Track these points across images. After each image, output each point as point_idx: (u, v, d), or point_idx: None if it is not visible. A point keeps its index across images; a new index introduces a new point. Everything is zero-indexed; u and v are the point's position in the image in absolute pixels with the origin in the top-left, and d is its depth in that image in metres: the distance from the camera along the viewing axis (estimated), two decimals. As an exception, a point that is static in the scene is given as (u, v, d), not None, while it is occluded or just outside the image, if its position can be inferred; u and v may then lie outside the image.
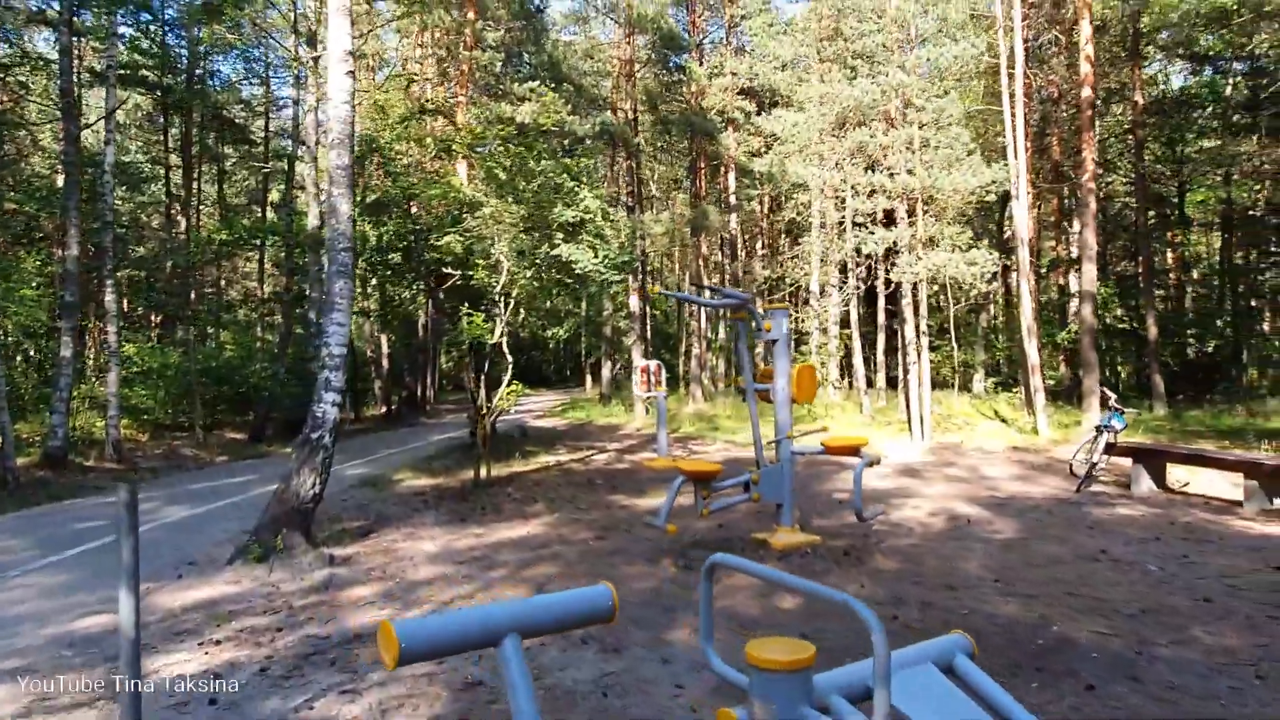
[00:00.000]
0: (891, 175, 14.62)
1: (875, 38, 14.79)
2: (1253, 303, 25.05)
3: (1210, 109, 23.72)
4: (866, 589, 6.13)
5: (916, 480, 11.31)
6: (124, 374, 15.18)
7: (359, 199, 13.05)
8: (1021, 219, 16.21)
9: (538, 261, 11.42)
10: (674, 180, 31.29)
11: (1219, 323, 27.56)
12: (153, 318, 28.11)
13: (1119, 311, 24.77)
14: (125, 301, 24.27)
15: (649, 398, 15.07)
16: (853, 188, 15.59)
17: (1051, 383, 22.92)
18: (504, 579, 6.52)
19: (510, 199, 10.84)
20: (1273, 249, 25.83)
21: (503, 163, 11.83)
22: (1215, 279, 28.86)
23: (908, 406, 18.45)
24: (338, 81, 8.33)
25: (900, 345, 19.13)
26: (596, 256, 11.84)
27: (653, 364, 13.52)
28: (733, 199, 28.10)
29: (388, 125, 15.65)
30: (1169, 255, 29.50)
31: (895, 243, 15.04)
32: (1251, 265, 26.22)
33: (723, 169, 27.29)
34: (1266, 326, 27.32)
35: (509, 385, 11.87)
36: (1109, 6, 22.17)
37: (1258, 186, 24.88)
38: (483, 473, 11.16)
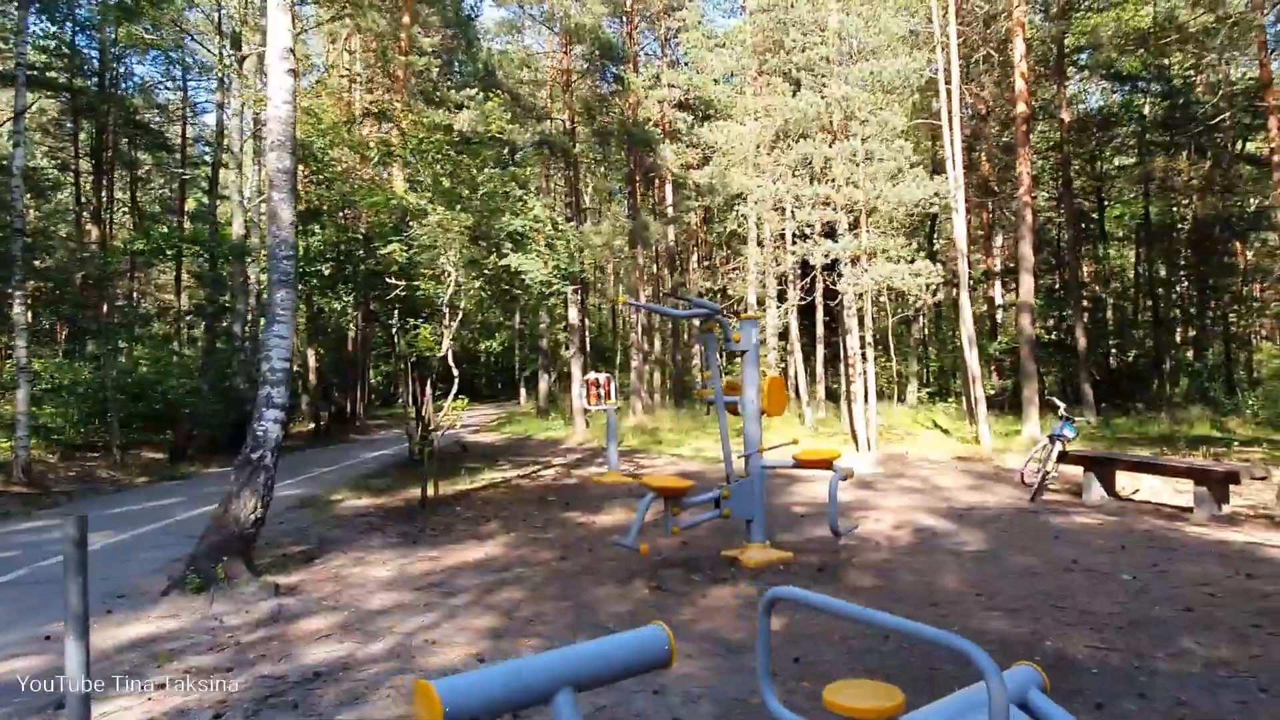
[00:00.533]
0: (837, 187, 14.66)
1: (820, 50, 14.84)
2: (1174, 313, 26.00)
3: (1129, 128, 24.63)
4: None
5: (872, 492, 11.24)
6: (33, 392, 14.16)
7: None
8: (960, 231, 16.45)
9: (486, 271, 11.04)
10: (611, 191, 31.11)
11: (1136, 333, 28.66)
12: (60, 332, 26.58)
13: (1048, 323, 25.47)
14: (30, 314, 22.86)
15: (598, 411, 14.78)
16: (796, 199, 15.58)
17: (993, 392, 23.38)
18: (469, 606, 6.12)
19: (459, 207, 10.44)
20: (1181, 262, 26.94)
21: (444, 170, 11.43)
22: (1133, 291, 29.99)
23: (850, 418, 18.55)
24: (278, 80, 7.85)
25: (842, 357, 19.23)
26: (546, 266, 11.51)
27: (602, 376, 13.28)
28: (670, 211, 28.05)
29: (319, 131, 15.04)
30: (1084, 269, 30.55)
31: (841, 255, 15.07)
32: (1167, 279, 27.30)
33: (660, 181, 27.24)
34: (1178, 337, 28.45)
35: (454, 399, 11.43)
36: (1034, 27, 22.84)
37: (1174, 202, 25.89)
38: (429, 491, 10.67)
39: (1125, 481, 11.07)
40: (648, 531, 8.37)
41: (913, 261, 14.58)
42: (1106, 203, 29.28)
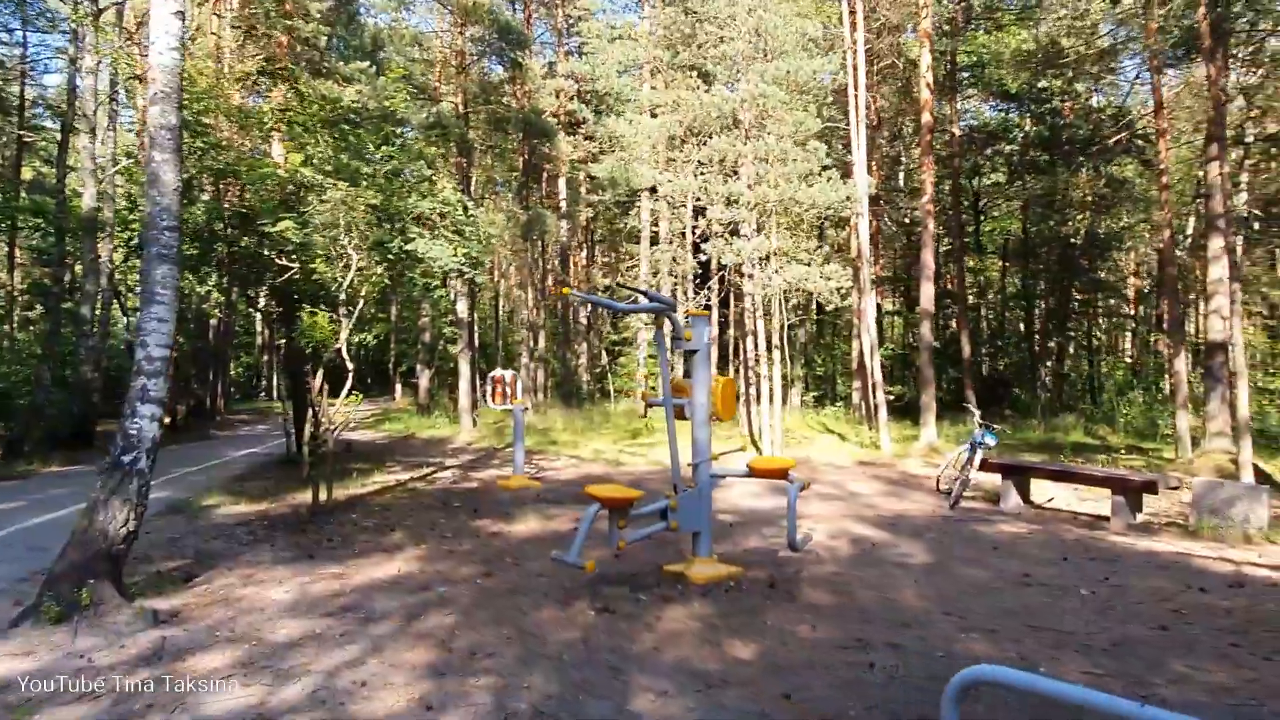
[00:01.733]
0: (750, 186, 14.37)
1: (735, 45, 14.51)
2: (1045, 325, 27.21)
3: (1009, 145, 25.63)
4: (820, 630, 5.48)
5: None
6: None
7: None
8: (864, 236, 16.51)
9: (390, 256, 10.08)
10: (503, 182, 30.06)
11: (1005, 343, 29.98)
12: None
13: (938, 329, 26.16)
14: None
15: (503, 410, 13.94)
16: (709, 196, 15.21)
17: (891, 397, 23.77)
18: (395, 636, 5.31)
19: (364, 184, 9.46)
20: (1041, 273, 28.32)
21: (341, 144, 10.39)
22: (999, 302, 31.38)
23: (749, 421, 18.38)
24: (164, 23, 6.74)
25: (742, 359, 19.04)
26: (455, 253, 10.64)
27: (507, 374, 12.48)
28: (563, 205, 27.32)
29: (194, 95, 13.58)
30: (950, 279, 31.79)
31: (750, 255, 14.79)
32: (1035, 292, 28.64)
33: (555, 173, 26.49)
34: (1043, 346, 29.92)
35: (347, 395, 10.40)
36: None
37: (1046, 219, 27.10)
38: (321, 496, 9.63)
39: (1036, 490, 11.20)
40: (563, 541, 7.73)
41: (826, 264, 14.48)
42: (982, 217, 30.47)
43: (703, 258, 16.29)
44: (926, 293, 16.54)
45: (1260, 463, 13.81)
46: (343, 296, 9.81)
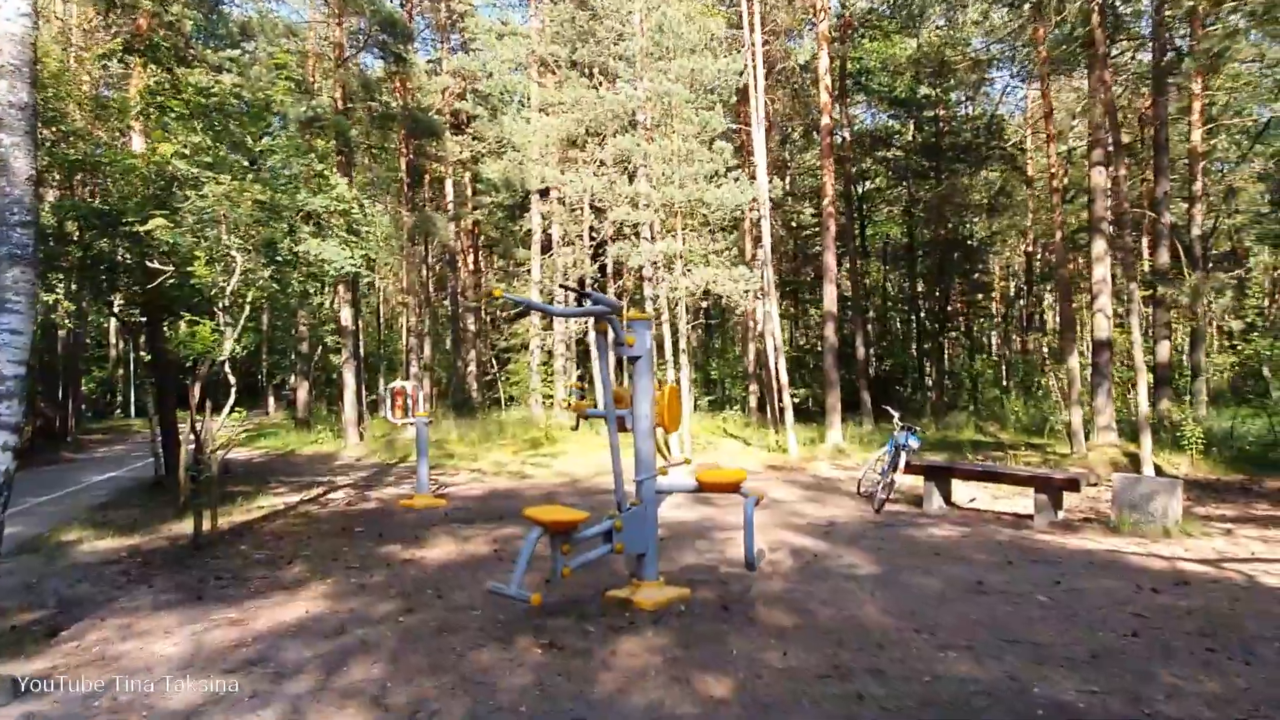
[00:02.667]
0: (656, 186, 13.99)
1: (637, 41, 14.11)
2: (934, 325, 28.06)
3: (894, 150, 26.31)
4: (793, 657, 5.05)
5: (714, 508, 10.53)
6: None
7: None
8: (767, 237, 16.40)
9: (279, 258, 9.12)
10: (388, 182, 28.69)
11: (887, 343, 30.83)
12: None
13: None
14: None
15: (404, 424, 13.03)
16: (613, 197, 14.73)
17: (797, 400, 23.86)
18: (315, 694, 4.56)
19: (249, 178, 8.50)
20: (922, 276, 29.31)
21: (222, 135, 9.37)
22: (888, 304, 32.28)
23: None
24: (12, -18, 5.76)
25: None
26: (351, 253, 9.76)
27: (409, 385, 11.64)
28: (450, 207, 26.32)
29: (41, 81, 12.14)
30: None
31: (657, 257, 14.40)
32: (918, 293, 29.56)
33: (442, 174, 25.49)
34: (923, 346, 30.93)
35: (230, 412, 9.38)
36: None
37: (926, 223, 28.00)
38: (204, 525, 8.60)
39: (956, 491, 11.21)
40: (494, 568, 7.09)
41: (735, 266, 14.24)
42: (866, 222, 31.25)
43: (605, 261, 15.79)
44: (829, 294, 16.58)
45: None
46: (225, 303, 8.80)
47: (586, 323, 21.34)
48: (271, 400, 37.92)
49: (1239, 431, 15.28)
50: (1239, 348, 15.63)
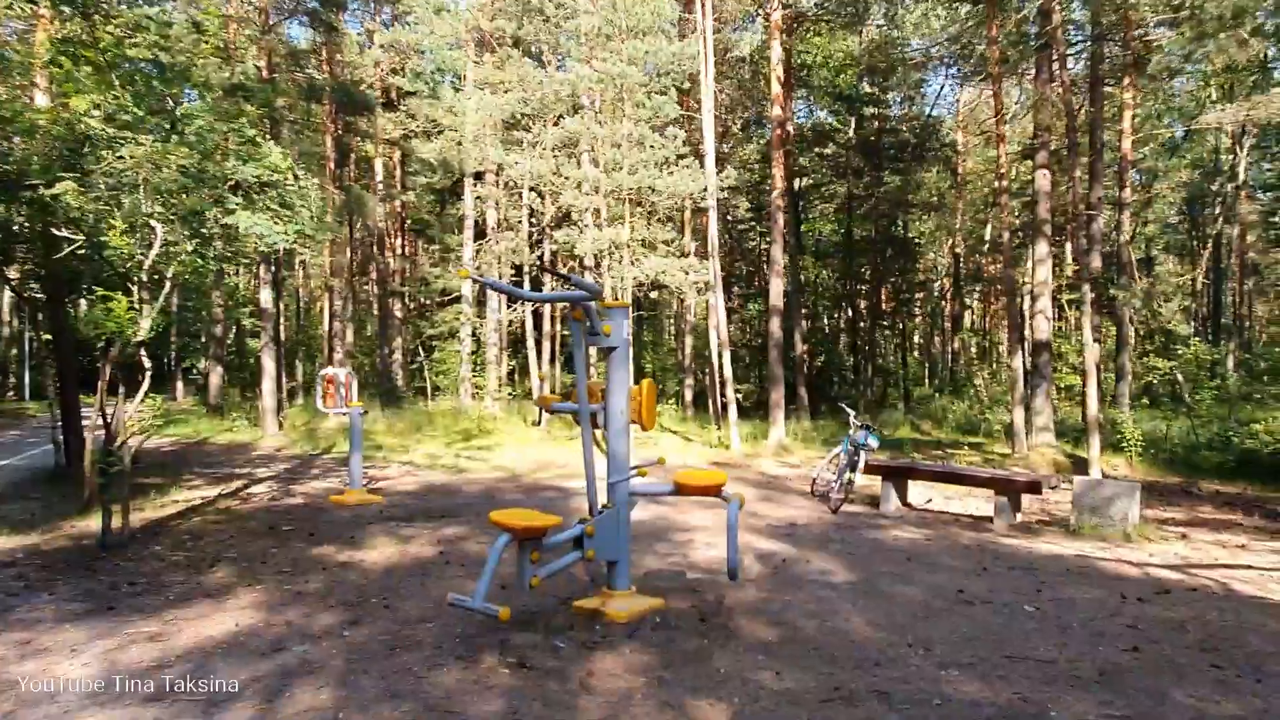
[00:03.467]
0: (607, 171, 13.47)
1: (590, 19, 13.55)
2: (870, 323, 28.19)
3: (836, 145, 26.30)
4: (788, 678, 4.64)
5: (668, 509, 10.09)
6: None
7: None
8: (714, 228, 16.04)
9: (204, 230, 8.31)
10: (313, 157, 27.34)
11: (820, 340, 30.95)
12: None
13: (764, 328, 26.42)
14: None
15: (337, 415, 12.21)
16: (560, 181, 14.14)
17: (740, 395, 23.61)
18: (255, 729, 3.95)
19: (174, 139, 7.66)
20: (856, 274, 29.54)
21: (138, 91, 8.48)
22: (821, 301, 32.40)
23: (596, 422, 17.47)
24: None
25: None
26: (284, 228, 8.98)
27: (341, 372, 10.88)
28: (380, 187, 25.27)
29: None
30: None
31: (604, 245, 13.89)
32: (853, 290, 29.76)
33: (371, 153, 24.45)
34: (860, 343, 31.16)
35: (145, 398, 8.52)
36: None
37: (862, 220, 28.15)
38: (114, 522, 7.76)
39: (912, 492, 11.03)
40: (452, 578, 6.55)
41: (685, 256, 13.83)
42: (802, 218, 31.27)
43: (544, 250, 15.19)
44: (775, 288, 16.32)
45: (1084, 454, 14.58)
46: (143, 277, 7.96)
47: (522, 311, 20.75)
48: (180, 385, 35.99)
49: (1153, 435, 15.59)
50: (1180, 352, 15.96)
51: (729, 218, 31.14)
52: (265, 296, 20.03)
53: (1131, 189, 23.14)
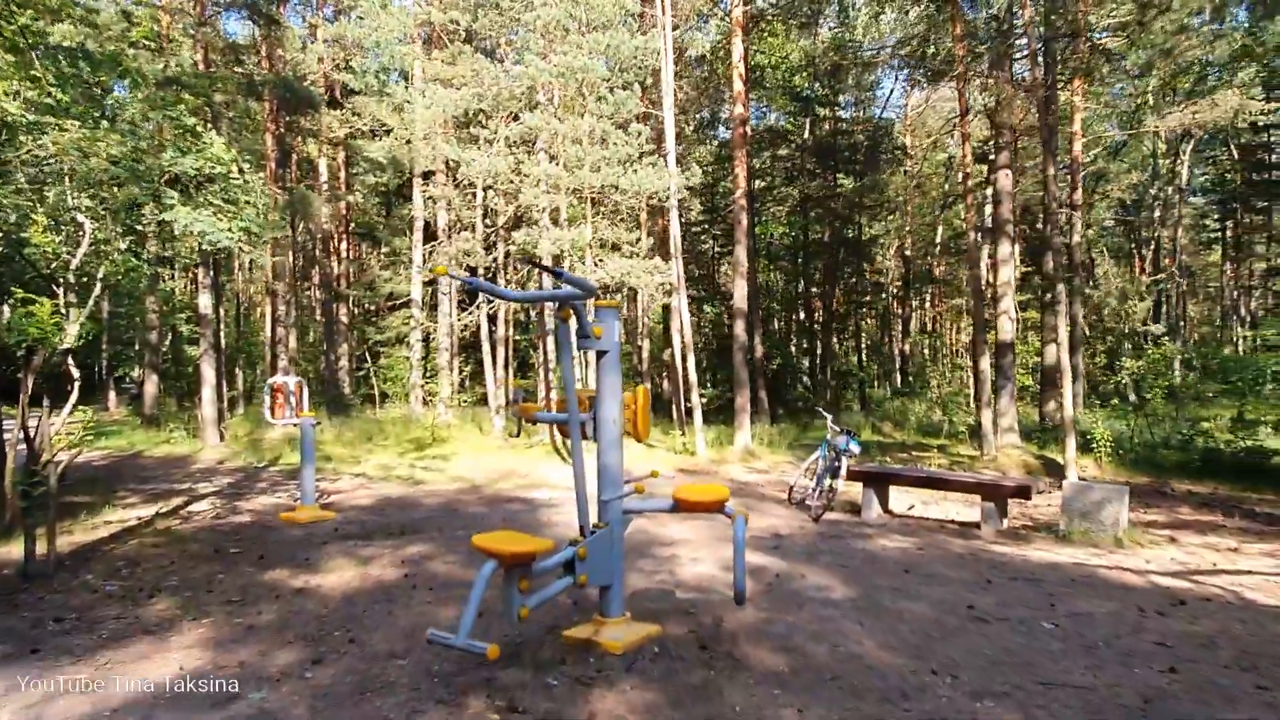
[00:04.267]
0: (569, 170, 12.95)
1: (550, 10, 13.01)
2: (826, 324, 28.04)
3: (790, 147, 26.13)
4: (808, 714, 4.20)
5: (647, 521, 9.59)
6: None
7: None
8: (676, 229, 15.63)
9: (139, 227, 7.59)
10: (258, 158, 26.24)
11: (769, 343, 30.77)
12: None
13: (722, 331, 26.14)
14: None
15: (285, 425, 11.46)
16: (520, 179, 13.58)
17: (705, 399, 23.19)
18: (211, 802, 3.36)
19: (106, 127, 6.94)
20: (810, 275, 29.43)
21: (62, 76, 7.73)
22: (775, 303, 32.25)
23: (551, 429, 16.92)
24: None
25: (542, 361, 17.56)
26: (228, 225, 8.28)
27: (291, 380, 10.18)
28: (324, 188, 24.35)
29: None
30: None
31: (566, 246, 13.36)
32: (809, 292, 29.63)
33: (315, 153, 23.55)
34: (818, 345, 31.08)
35: (72, 411, 7.77)
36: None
37: (815, 223, 28.03)
38: (38, 548, 7.00)
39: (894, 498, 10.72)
40: (420, 606, 5.98)
41: (649, 258, 13.37)
42: (756, 219, 31.09)
43: (497, 252, 14.59)
44: (740, 290, 15.96)
45: (1056, 456, 14.49)
46: (69, 279, 7.22)
47: (477, 315, 20.07)
48: (113, 394, 34.39)
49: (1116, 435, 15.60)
50: (1149, 352, 16.00)
51: (682, 220, 30.87)
52: (204, 301, 19.02)
53: (1083, 192, 23.33)
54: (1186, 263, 36.11)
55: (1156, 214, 30.25)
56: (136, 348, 30.66)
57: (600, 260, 13.11)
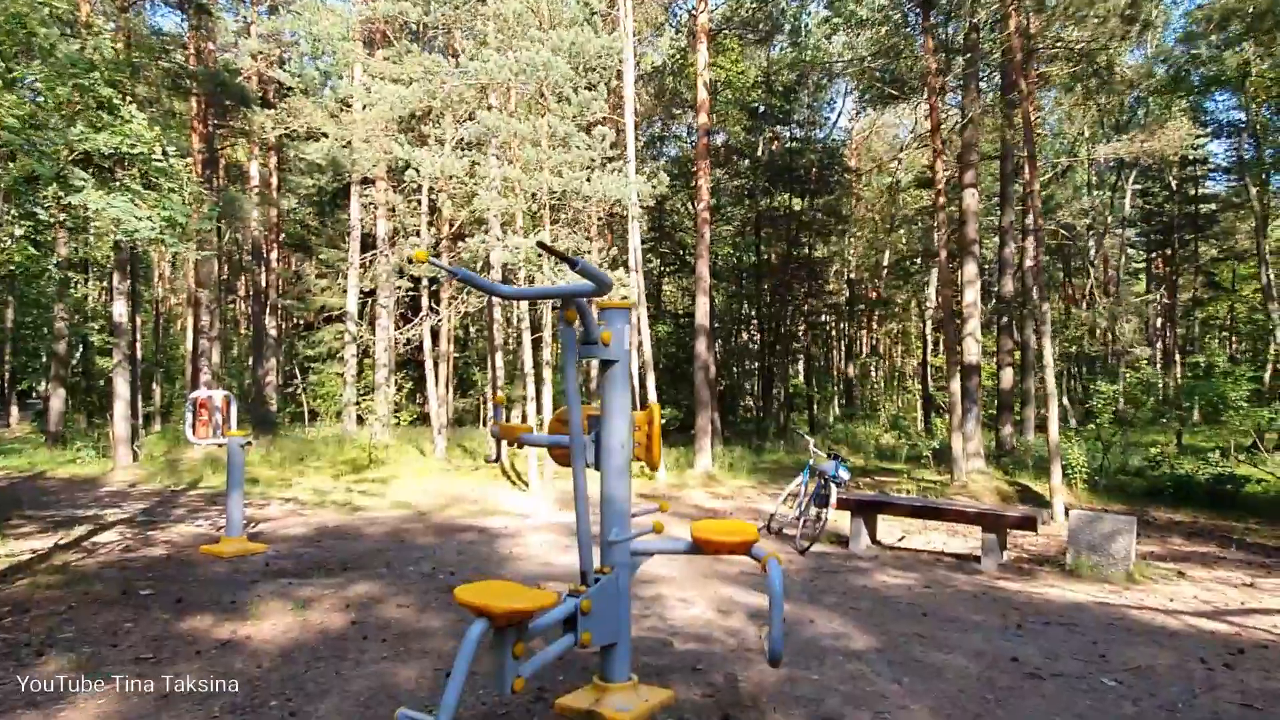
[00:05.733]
0: (529, 172, 12.06)
1: (508, 4, 12.16)
2: (777, 346, 27.52)
3: (748, 159, 25.68)
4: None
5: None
6: None
7: None
8: (636, 241, 14.86)
9: (40, 213, 6.46)
10: (187, 156, 24.62)
11: (719, 364, 30.19)
12: None
13: (673, 349, 25.43)
14: None
15: (209, 445, 10.21)
16: (475, 182, 12.64)
17: (665, 420, 22.33)
18: None
19: (-2, 84, 5.83)
20: (759, 295, 29.00)
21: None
22: (730, 324, 31.72)
23: (499, 448, 15.89)
24: None
25: (491, 378, 16.56)
26: (149, 213, 7.18)
27: (217, 394, 9.03)
28: (255, 193, 22.94)
29: None
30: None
31: (521, 254, 12.45)
32: (760, 313, 29.17)
33: (250, 152, 22.19)
34: (769, 366, 30.57)
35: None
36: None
37: (766, 241, 27.60)
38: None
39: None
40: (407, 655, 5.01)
41: (614, 268, 12.56)
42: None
43: (465, 255, 13.59)
44: (702, 307, 15.25)
45: (1027, 482, 14.06)
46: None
47: (420, 328, 18.93)
48: (15, 409, 32.00)
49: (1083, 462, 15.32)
50: (1127, 376, 15.75)
51: (712, 225, 30.16)
52: (119, 309, 17.48)
53: (1035, 216, 23.40)
54: (1113, 290, 36.83)
55: (1091, 244, 30.71)
56: (43, 359, 28.54)
57: (560, 271, 12.23)
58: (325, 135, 18.07)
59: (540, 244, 3.74)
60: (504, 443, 4.97)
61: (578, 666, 4.98)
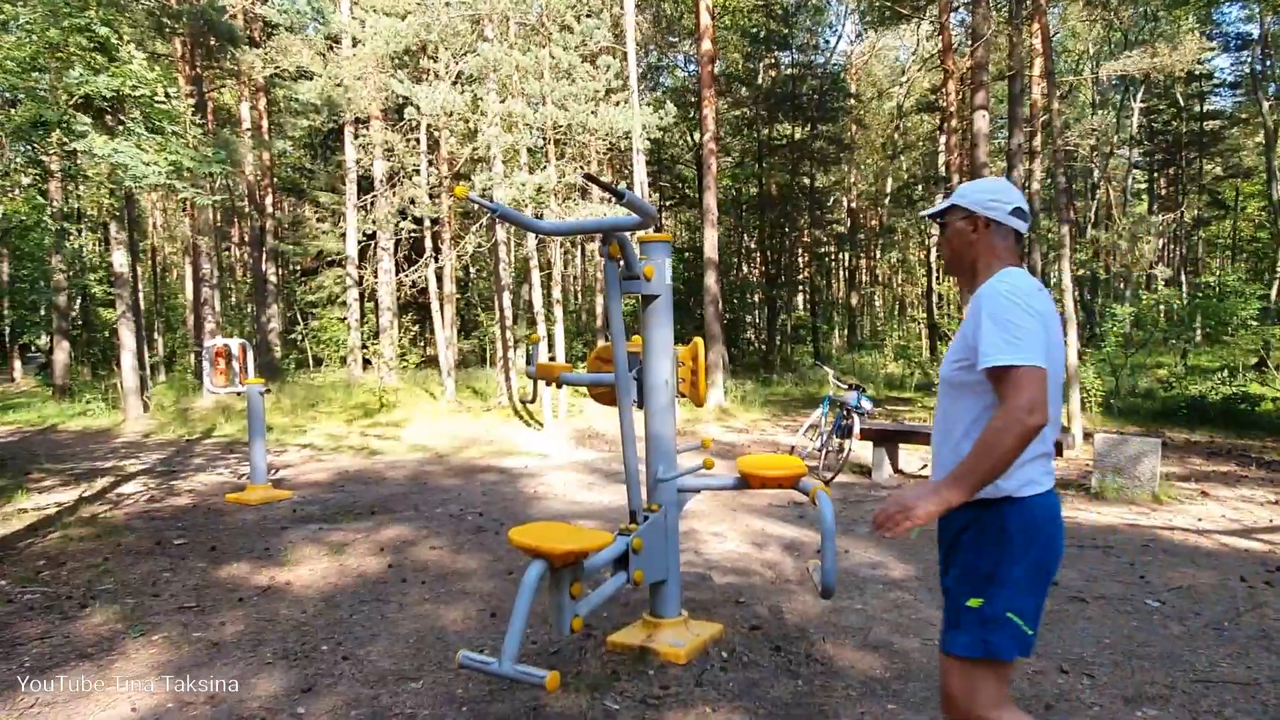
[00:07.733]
0: (534, 106, 11.78)
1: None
2: (780, 277, 27.36)
3: (748, 88, 25.16)
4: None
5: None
6: None
7: None
8: (641, 173, 14.59)
9: (45, 158, 6.27)
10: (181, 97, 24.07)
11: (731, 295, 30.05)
12: None
13: (675, 284, 25.24)
14: None
15: (229, 394, 10.17)
16: (480, 117, 12.33)
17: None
18: None
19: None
20: (763, 225, 28.77)
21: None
22: (732, 255, 31.50)
23: (509, 388, 15.90)
24: None
25: (500, 317, 16.46)
26: (155, 158, 6.98)
27: (234, 343, 8.95)
28: (247, 136, 22.46)
29: None
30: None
31: (534, 190, 12.22)
32: (765, 245, 28.94)
33: (240, 94, 21.68)
34: (775, 299, 30.43)
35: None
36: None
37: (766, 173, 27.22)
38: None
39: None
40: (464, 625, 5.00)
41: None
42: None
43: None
44: (710, 240, 15.06)
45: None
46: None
47: (424, 271, 18.74)
48: (18, 364, 31.89)
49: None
50: (1143, 297, 15.66)
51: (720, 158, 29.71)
52: (119, 259, 17.23)
53: (1055, 136, 23.02)
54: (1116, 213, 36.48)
55: (1094, 166, 30.27)
56: (43, 312, 28.34)
57: (569, 208, 12.02)
58: (314, 75, 17.64)
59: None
60: (540, 383, 4.90)
61: (619, 604, 4.99)
